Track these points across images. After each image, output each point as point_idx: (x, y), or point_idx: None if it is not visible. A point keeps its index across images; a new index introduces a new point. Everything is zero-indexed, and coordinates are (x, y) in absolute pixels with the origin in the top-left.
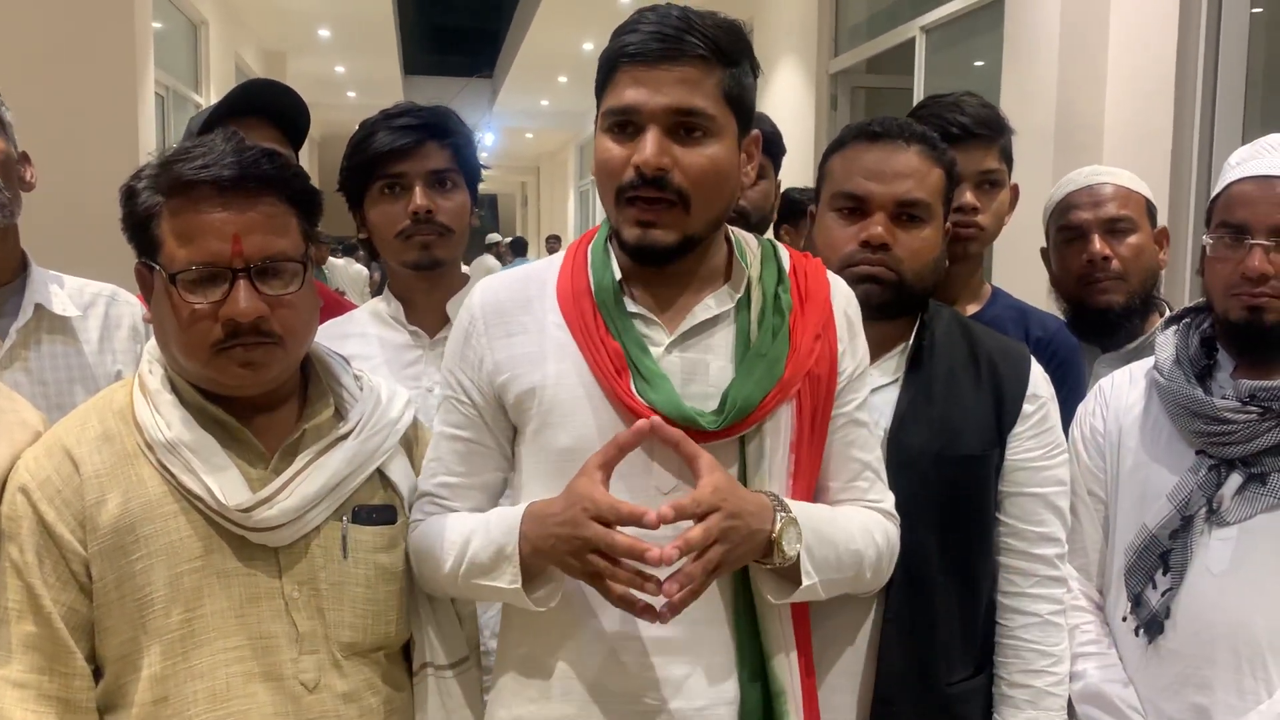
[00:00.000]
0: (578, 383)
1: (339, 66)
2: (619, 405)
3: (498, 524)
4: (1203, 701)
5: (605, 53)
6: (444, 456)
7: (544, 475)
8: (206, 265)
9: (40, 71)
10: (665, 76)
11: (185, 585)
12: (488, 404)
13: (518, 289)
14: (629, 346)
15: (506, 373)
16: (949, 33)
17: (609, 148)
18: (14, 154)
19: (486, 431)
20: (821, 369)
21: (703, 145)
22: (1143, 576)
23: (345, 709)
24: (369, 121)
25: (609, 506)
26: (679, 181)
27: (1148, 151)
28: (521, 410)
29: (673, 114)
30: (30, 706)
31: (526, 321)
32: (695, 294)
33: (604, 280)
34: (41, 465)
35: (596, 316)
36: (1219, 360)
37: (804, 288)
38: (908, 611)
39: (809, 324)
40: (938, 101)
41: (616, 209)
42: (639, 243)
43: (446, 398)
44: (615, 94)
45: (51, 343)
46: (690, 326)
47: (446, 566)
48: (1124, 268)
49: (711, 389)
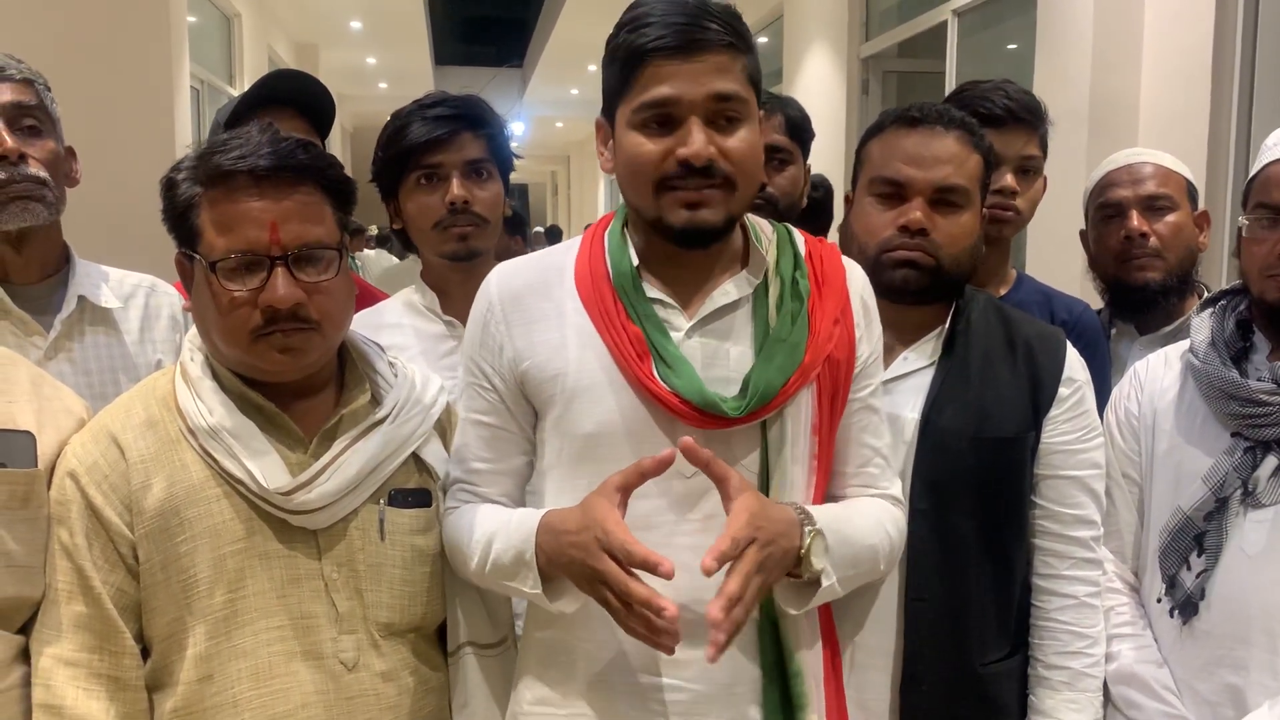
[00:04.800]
0: (599, 368)
1: (370, 58)
2: (641, 390)
3: (518, 528)
4: (1237, 682)
5: (622, 48)
6: (470, 443)
7: (568, 461)
8: (245, 253)
9: (77, 67)
10: (700, 67)
11: (228, 567)
12: (509, 390)
13: (535, 275)
14: (650, 331)
15: (528, 360)
16: (981, 16)
17: (641, 143)
18: (61, 151)
19: (510, 417)
20: (840, 353)
21: (739, 130)
22: (1177, 558)
23: (384, 687)
24: (402, 112)
25: (620, 545)
26: (725, 168)
27: (1184, 134)
28: (544, 396)
29: (713, 102)
30: (81, 684)
31: (546, 308)
32: (714, 279)
33: (622, 266)
34: (89, 451)
35: (617, 302)
36: (1255, 342)
37: (821, 272)
38: (941, 592)
39: (827, 309)
40: (979, 85)
41: (655, 198)
42: (688, 225)
43: (469, 384)
44: (647, 89)
45: (94, 333)
46: (710, 311)
47: (473, 564)
48: (1162, 245)
49: (732, 374)
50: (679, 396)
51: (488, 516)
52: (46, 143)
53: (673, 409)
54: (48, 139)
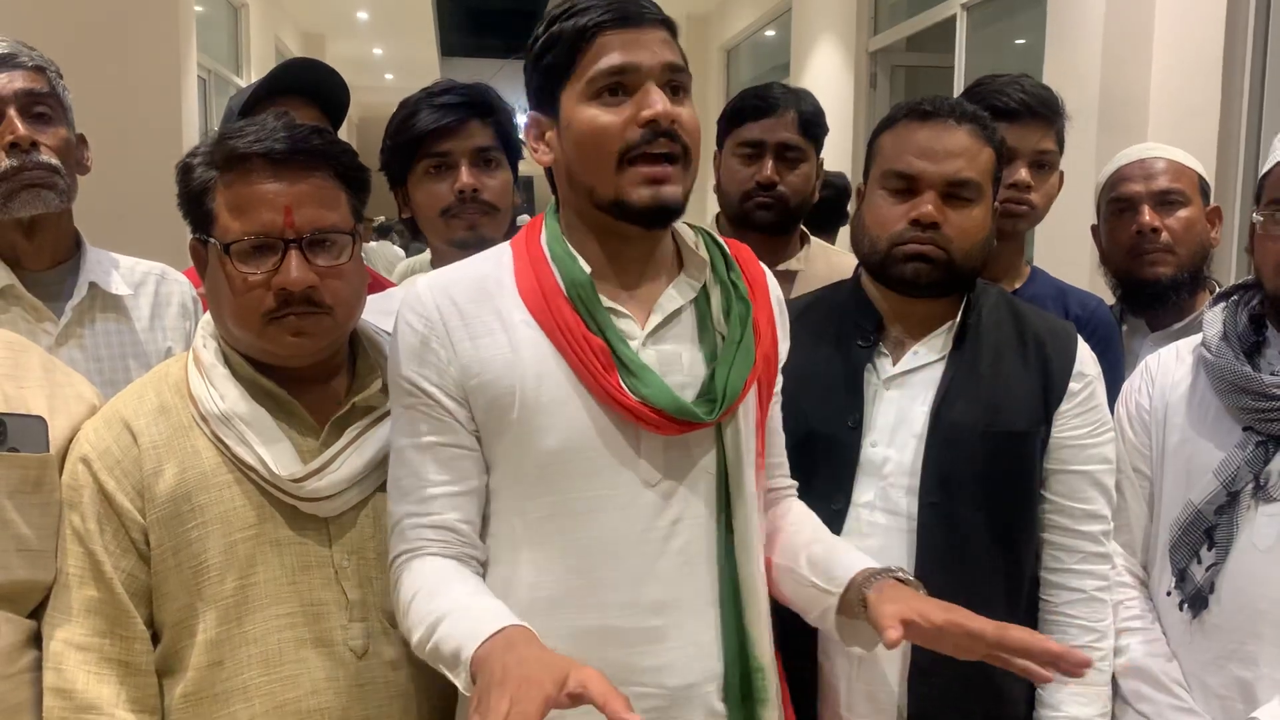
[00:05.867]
0: (560, 382)
1: (377, 49)
2: (609, 402)
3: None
4: (1246, 676)
5: (562, 32)
6: (419, 470)
7: (527, 478)
8: (259, 235)
9: (85, 56)
10: (651, 37)
11: (239, 553)
12: (460, 407)
13: (472, 286)
14: (613, 342)
15: (477, 376)
16: (991, 10)
17: (599, 115)
18: (73, 139)
19: (464, 434)
20: (773, 351)
21: (686, 102)
22: (1187, 552)
23: (393, 675)
24: (411, 100)
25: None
26: (684, 136)
27: (1194, 129)
28: (497, 413)
29: (668, 70)
30: (92, 668)
31: (490, 321)
32: (655, 284)
33: (575, 275)
34: (101, 436)
35: (574, 314)
36: (1268, 337)
37: (751, 275)
38: (950, 585)
39: (762, 308)
40: (996, 79)
41: (617, 174)
42: (652, 202)
43: (405, 409)
44: (601, 58)
45: (105, 320)
46: (662, 319)
47: (415, 636)
48: (1173, 240)
49: (688, 379)
50: (649, 406)
51: (445, 592)
52: (58, 130)
53: (643, 419)
54: (59, 126)
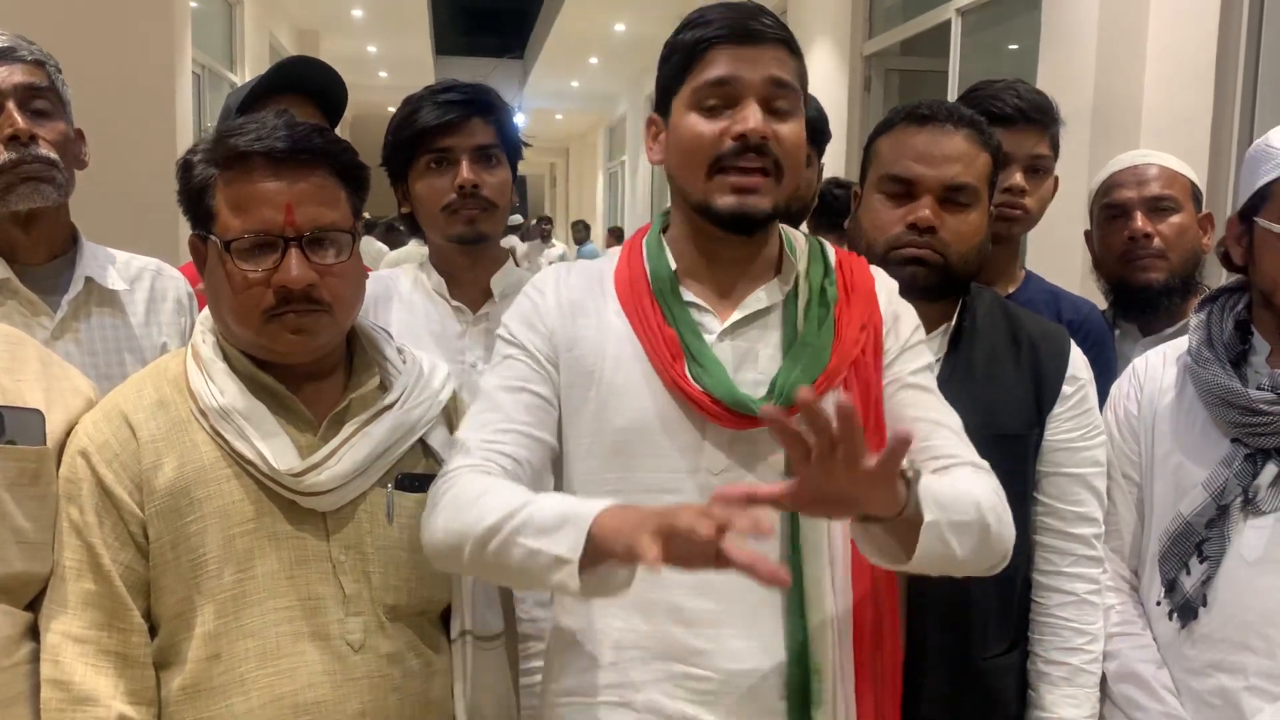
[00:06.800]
0: (634, 367)
1: (371, 46)
2: (674, 389)
3: (569, 500)
4: (1234, 685)
5: (686, 40)
6: (504, 406)
7: (600, 452)
8: (259, 233)
9: (80, 51)
10: (760, 54)
11: (237, 547)
12: (554, 370)
13: (584, 279)
14: (684, 333)
15: (569, 351)
16: (985, 14)
17: (698, 123)
18: (71, 133)
19: (551, 391)
20: (868, 357)
21: (790, 120)
22: (1177, 563)
23: (389, 669)
24: (414, 97)
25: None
26: (776, 151)
27: (1187, 135)
28: (579, 389)
29: (770, 85)
30: (90, 661)
31: (589, 307)
32: (748, 285)
33: (660, 270)
34: (100, 430)
35: (654, 305)
36: (1254, 344)
37: (850, 282)
38: (942, 586)
39: (854, 315)
40: (992, 84)
41: (707, 181)
42: (737, 210)
43: (507, 356)
44: (709, 70)
45: (100, 315)
46: (742, 316)
47: (489, 519)
48: (1165, 246)
49: (761, 376)
50: (710, 396)
51: (519, 488)
52: (57, 124)
53: (703, 408)
54: (58, 121)
